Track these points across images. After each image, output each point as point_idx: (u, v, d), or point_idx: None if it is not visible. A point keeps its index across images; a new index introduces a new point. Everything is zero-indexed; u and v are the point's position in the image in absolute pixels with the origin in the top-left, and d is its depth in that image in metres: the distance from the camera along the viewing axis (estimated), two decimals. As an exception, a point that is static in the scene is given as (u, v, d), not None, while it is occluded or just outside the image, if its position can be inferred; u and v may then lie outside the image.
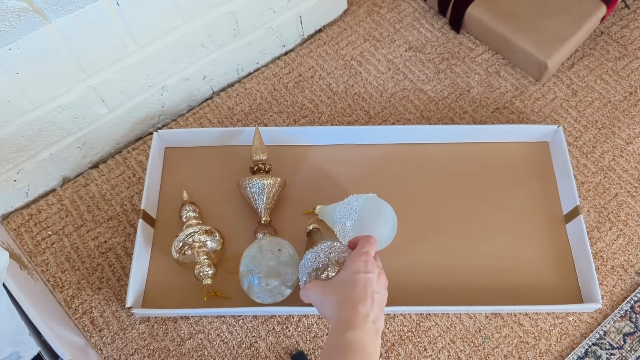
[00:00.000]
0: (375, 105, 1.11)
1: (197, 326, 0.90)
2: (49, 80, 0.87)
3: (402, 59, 1.17)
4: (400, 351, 0.88)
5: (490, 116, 1.10)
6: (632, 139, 1.06)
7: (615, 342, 0.88)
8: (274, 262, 0.83)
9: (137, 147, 1.08)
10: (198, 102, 1.13)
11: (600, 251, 0.95)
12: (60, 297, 0.94)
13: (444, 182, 1.01)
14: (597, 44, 1.17)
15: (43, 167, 0.99)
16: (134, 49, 0.94)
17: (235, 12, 1.03)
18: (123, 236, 0.99)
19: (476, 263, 0.93)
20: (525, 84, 1.13)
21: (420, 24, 1.22)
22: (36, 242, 0.98)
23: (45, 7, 0.81)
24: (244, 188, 0.95)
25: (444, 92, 1.13)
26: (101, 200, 1.02)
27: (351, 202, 0.88)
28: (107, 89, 0.96)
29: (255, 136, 0.98)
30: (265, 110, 1.12)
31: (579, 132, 1.07)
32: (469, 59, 1.17)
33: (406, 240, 0.94)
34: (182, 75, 1.06)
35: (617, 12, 1.21)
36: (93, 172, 1.05)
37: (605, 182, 1.01)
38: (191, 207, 0.94)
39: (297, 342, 0.89)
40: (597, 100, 1.10)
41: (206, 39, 1.03)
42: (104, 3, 0.83)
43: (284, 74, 1.16)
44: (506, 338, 0.88)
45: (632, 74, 1.13)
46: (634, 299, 0.91)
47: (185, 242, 0.88)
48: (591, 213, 0.98)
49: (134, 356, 0.89)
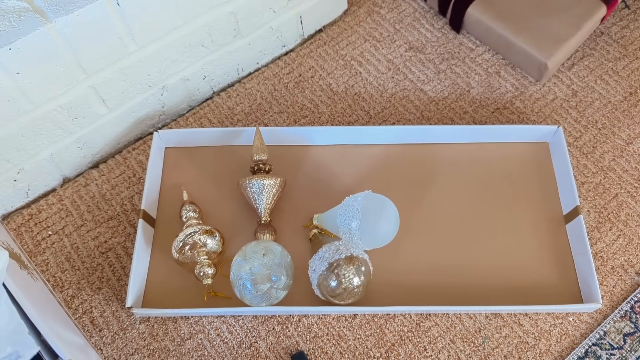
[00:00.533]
0: (375, 106, 1.11)
1: (197, 326, 0.90)
2: (49, 80, 0.87)
3: (402, 59, 1.17)
4: (400, 351, 0.88)
5: (490, 116, 1.10)
6: (632, 139, 1.06)
7: (616, 342, 0.88)
8: (260, 267, 0.83)
9: (137, 147, 1.08)
10: (198, 102, 1.13)
11: (600, 251, 0.95)
12: (60, 297, 0.94)
13: (444, 182, 1.01)
14: (598, 44, 1.17)
15: (43, 167, 0.99)
16: (134, 49, 0.94)
17: (235, 12, 1.03)
18: (123, 236, 0.99)
19: (476, 263, 0.93)
20: (525, 84, 1.13)
21: (421, 24, 1.22)
22: (36, 242, 0.98)
23: (45, 7, 0.81)
24: (244, 188, 0.95)
25: (444, 92, 1.13)
26: (101, 200, 1.02)
27: (351, 203, 0.88)
28: (107, 89, 0.96)
29: (256, 136, 0.98)
30: (266, 110, 1.12)
31: (579, 132, 1.07)
32: (469, 59, 1.17)
33: (406, 240, 0.94)
34: (182, 75, 1.06)
35: (617, 12, 1.21)
36: (93, 172, 1.05)
37: (605, 182, 1.01)
38: (191, 207, 0.94)
39: (297, 342, 0.89)
40: (597, 100, 1.10)
41: (206, 39, 1.03)
42: (104, 3, 0.83)
43: (284, 74, 1.16)
44: (506, 338, 0.88)
45: (632, 74, 1.13)
46: (634, 299, 0.91)
47: (185, 242, 0.88)
48: (591, 213, 0.98)
49: (134, 356, 0.89)
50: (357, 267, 0.84)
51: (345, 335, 0.89)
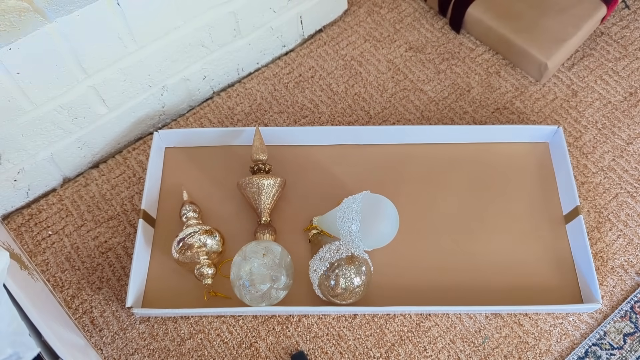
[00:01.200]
0: (375, 106, 1.11)
1: (197, 326, 0.90)
2: (49, 80, 0.87)
3: (403, 59, 1.17)
4: (400, 351, 0.88)
5: (490, 116, 1.10)
6: (632, 139, 1.06)
7: (616, 342, 0.88)
8: (261, 267, 0.83)
9: (137, 147, 1.08)
10: (198, 102, 1.13)
11: (601, 251, 0.95)
12: (60, 297, 0.94)
13: (444, 182, 1.01)
14: (598, 45, 1.17)
15: (43, 167, 0.99)
16: (134, 49, 0.94)
17: (235, 12, 1.03)
18: (123, 236, 0.99)
19: (476, 263, 0.93)
20: (525, 84, 1.13)
21: (421, 24, 1.22)
22: (36, 242, 0.98)
23: (45, 7, 0.81)
24: (244, 188, 0.95)
25: (444, 92, 1.13)
26: (101, 200, 1.02)
27: (349, 204, 0.88)
28: (107, 89, 0.96)
29: (255, 136, 0.98)
30: (266, 110, 1.12)
31: (579, 132, 1.07)
32: (469, 59, 1.17)
33: (406, 240, 0.94)
34: (182, 75, 1.05)
35: (618, 12, 1.21)
36: (93, 172, 1.05)
37: (605, 182, 1.01)
38: (191, 207, 0.94)
39: (297, 342, 0.89)
40: (597, 100, 1.10)
41: (206, 39, 1.03)
42: (104, 3, 0.83)
43: (284, 74, 1.16)
44: (506, 338, 0.88)
45: (632, 75, 1.13)
46: (634, 299, 0.91)
47: (185, 242, 0.88)
48: (591, 213, 0.98)
49: (134, 356, 0.89)
50: (357, 267, 0.84)
51: (345, 335, 0.89)
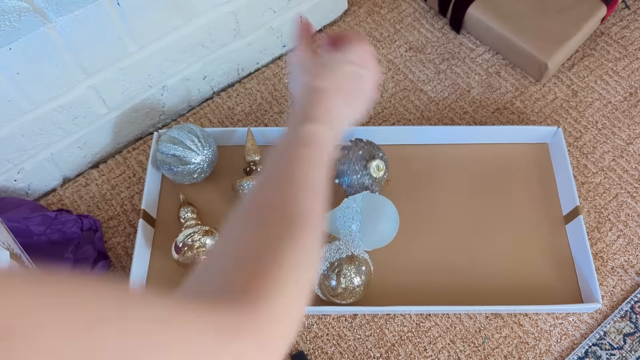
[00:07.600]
0: (375, 106, 1.11)
1: (197, 326, 0.90)
2: (49, 80, 0.87)
3: (403, 59, 1.17)
4: (400, 351, 0.88)
5: (490, 116, 1.10)
6: (633, 139, 1.06)
7: (616, 342, 0.88)
8: None
9: (137, 147, 1.08)
10: (198, 102, 1.13)
11: (600, 252, 0.95)
12: (60, 297, 0.93)
13: (444, 182, 1.01)
14: (598, 45, 1.17)
15: (43, 167, 0.99)
16: (134, 49, 0.94)
17: (235, 12, 1.03)
18: (123, 236, 0.99)
19: (476, 263, 0.93)
20: (525, 84, 1.13)
21: (421, 24, 1.22)
22: (36, 242, 0.98)
23: (45, 7, 0.81)
24: (238, 189, 0.95)
25: (444, 92, 1.13)
26: (101, 200, 1.02)
27: (349, 204, 0.88)
28: (108, 89, 0.96)
29: (247, 137, 0.98)
30: (266, 110, 1.12)
31: (579, 132, 1.07)
32: (469, 60, 1.17)
33: (406, 240, 0.94)
34: (182, 75, 1.05)
35: (618, 12, 1.21)
36: (93, 172, 1.05)
37: (605, 182, 1.01)
38: (189, 208, 0.94)
39: (297, 342, 0.89)
40: (597, 100, 1.10)
41: (206, 39, 1.03)
42: (104, 3, 0.83)
43: (284, 74, 1.16)
44: (506, 338, 0.88)
45: (632, 75, 1.13)
46: (634, 300, 0.91)
47: (185, 243, 0.88)
48: (591, 214, 0.98)
49: (134, 356, 0.88)
50: (357, 267, 0.84)
51: (345, 335, 0.89)
